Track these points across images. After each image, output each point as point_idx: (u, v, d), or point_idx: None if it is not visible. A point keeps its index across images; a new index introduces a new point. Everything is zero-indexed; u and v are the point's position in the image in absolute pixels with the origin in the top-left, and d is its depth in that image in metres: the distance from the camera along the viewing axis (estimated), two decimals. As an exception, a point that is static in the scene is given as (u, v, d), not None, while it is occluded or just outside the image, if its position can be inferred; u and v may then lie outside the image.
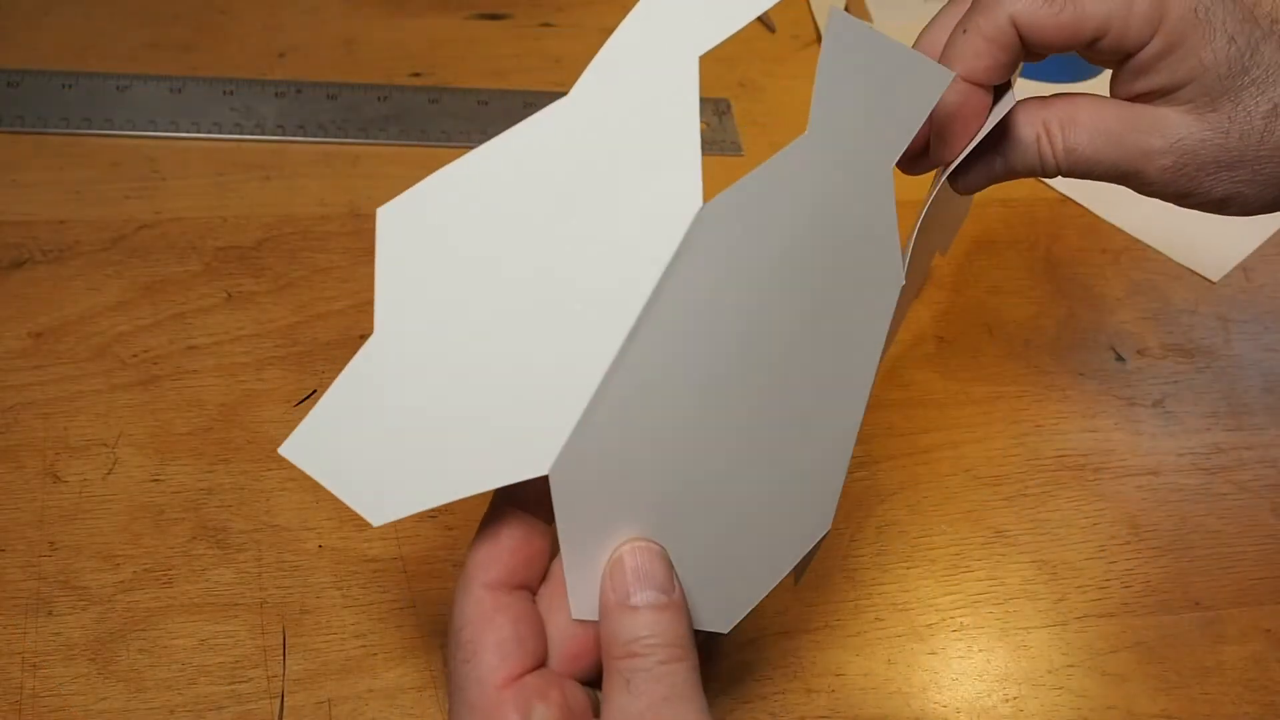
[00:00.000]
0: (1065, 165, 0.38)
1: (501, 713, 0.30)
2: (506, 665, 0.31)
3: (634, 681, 0.31)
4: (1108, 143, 0.37)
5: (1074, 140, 0.38)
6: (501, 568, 0.32)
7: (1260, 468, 0.54)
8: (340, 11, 0.70)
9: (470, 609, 0.32)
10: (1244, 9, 0.36)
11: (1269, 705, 0.46)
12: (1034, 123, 0.38)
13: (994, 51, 0.37)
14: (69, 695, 0.40)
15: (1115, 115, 0.38)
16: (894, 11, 0.76)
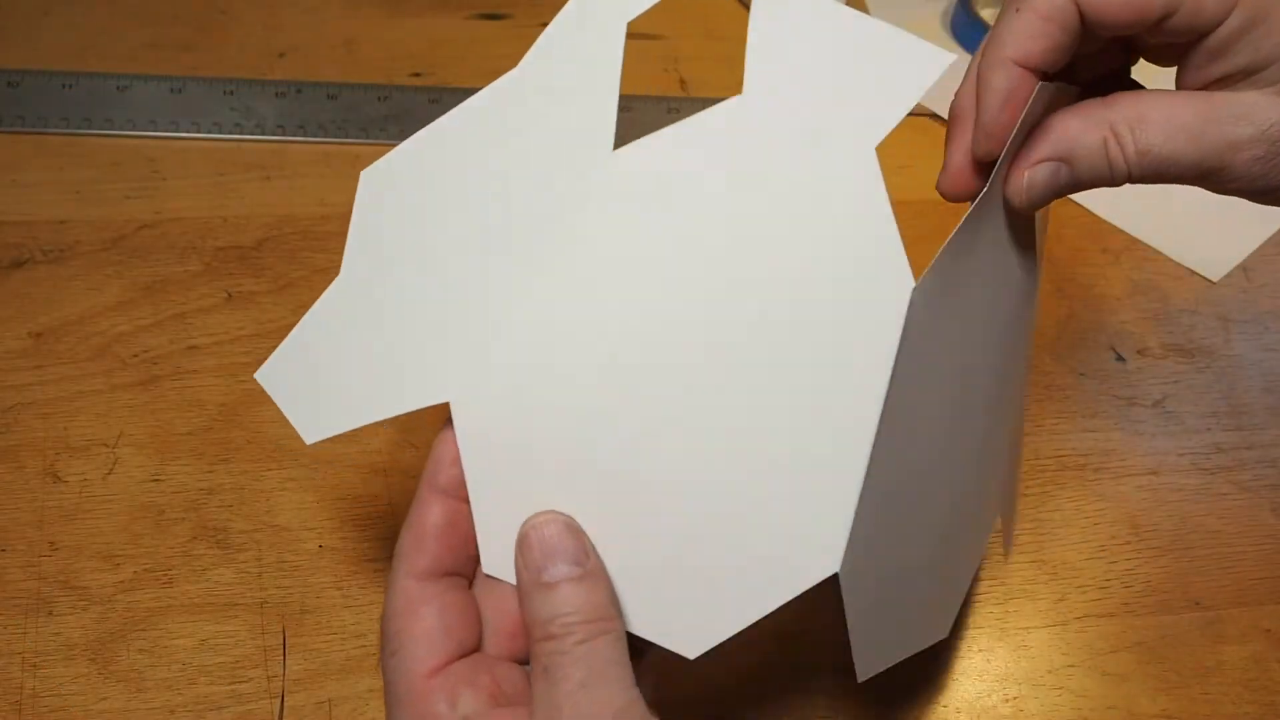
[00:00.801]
0: (1138, 170, 0.34)
1: (429, 702, 0.30)
2: (433, 655, 0.31)
3: (551, 668, 0.30)
4: (1187, 139, 0.34)
5: (1147, 140, 0.34)
6: (428, 556, 0.32)
7: (1260, 468, 0.54)
8: (340, 11, 0.70)
9: (397, 601, 0.32)
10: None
11: (1269, 705, 0.46)
12: (1098, 126, 0.34)
13: (1050, 31, 0.33)
14: (69, 695, 0.40)
15: (1191, 107, 0.34)
16: (894, 12, 0.76)
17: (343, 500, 0.47)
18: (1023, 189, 0.34)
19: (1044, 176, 0.34)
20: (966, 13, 0.74)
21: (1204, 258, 0.62)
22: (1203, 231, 0.62)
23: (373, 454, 0.48)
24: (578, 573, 0.31)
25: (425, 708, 0.30)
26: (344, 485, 0.47)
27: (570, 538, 0.32)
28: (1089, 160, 0.34)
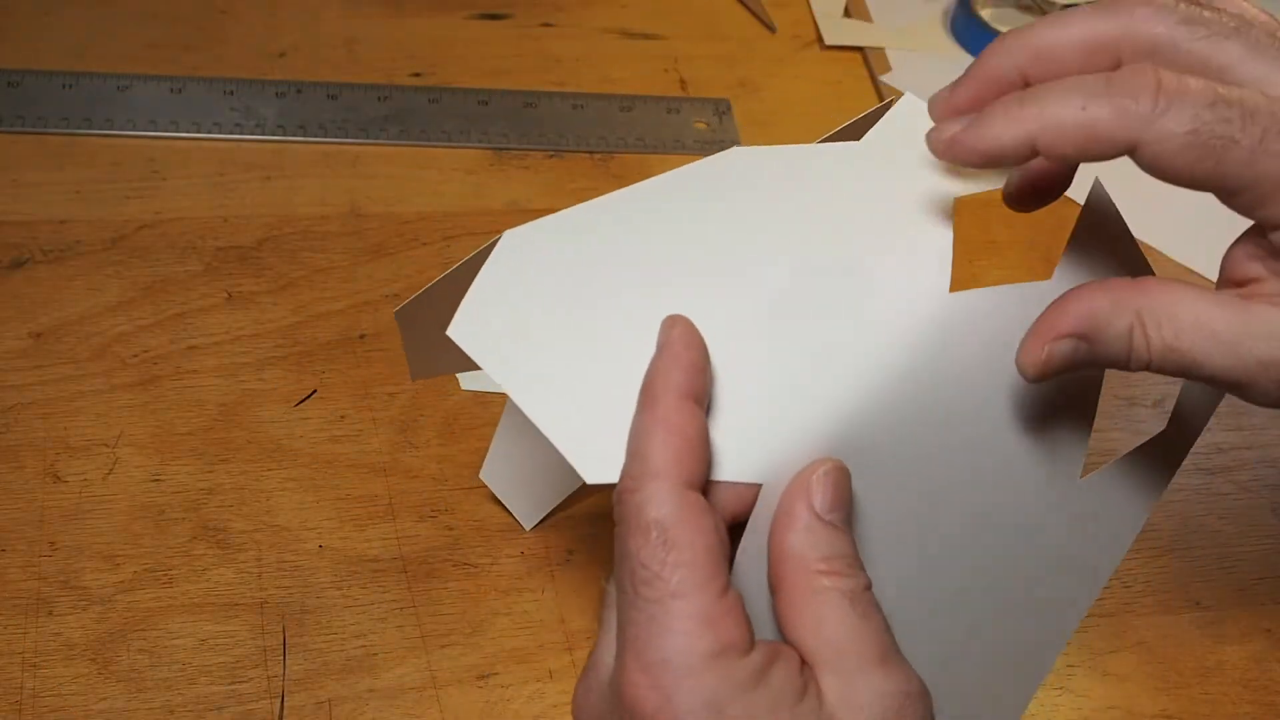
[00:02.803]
0: (1159, 363, 0.32)
1: (726, 624, 0.29)
2: (722, 574, 0.29)
3: (857, 601, 0.30)
4: (1215, 347, 0.31)
5: (1175, 339, 0.32)
6: (693, 468, 0.30)
7: (1260, 468, 0.54)
8: (340, 11, 0.70)
9: (680, 507, 0.29)
10: None
11: (1269, 705, 0.46)
12: (1126, 311, 0.32)
13: (1089, 152, 0.31)
14: (69, 695, 0.40)
15: (1223, 316, 0.32)
16: (894, 13, 0.76)
17: (343, 500, 0.47)
18: (1040, 362, 0.32)
19: (1065, 352, 0.32)
20: (967, 13, 0.74)
21: (1204, 258, 0.62)
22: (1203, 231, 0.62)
23: (373, 454, 0.48)
24: (848, 525, 0.31)
25: (723, 628, 0.29)
26: (344, 485, 0.47)
27: (849, 492, 0.32)
28: (1113, 344, 0.32)
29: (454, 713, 0.41)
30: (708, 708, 0.28)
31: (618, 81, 0.68)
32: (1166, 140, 0.30)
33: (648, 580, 0.29)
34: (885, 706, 0.29)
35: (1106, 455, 0.54)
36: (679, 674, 0.28)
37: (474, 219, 0.59)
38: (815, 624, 0.30)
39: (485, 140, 0.63)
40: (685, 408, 0.30)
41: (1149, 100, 0.30)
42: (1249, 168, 0.30)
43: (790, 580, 0.30)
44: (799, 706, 0.28)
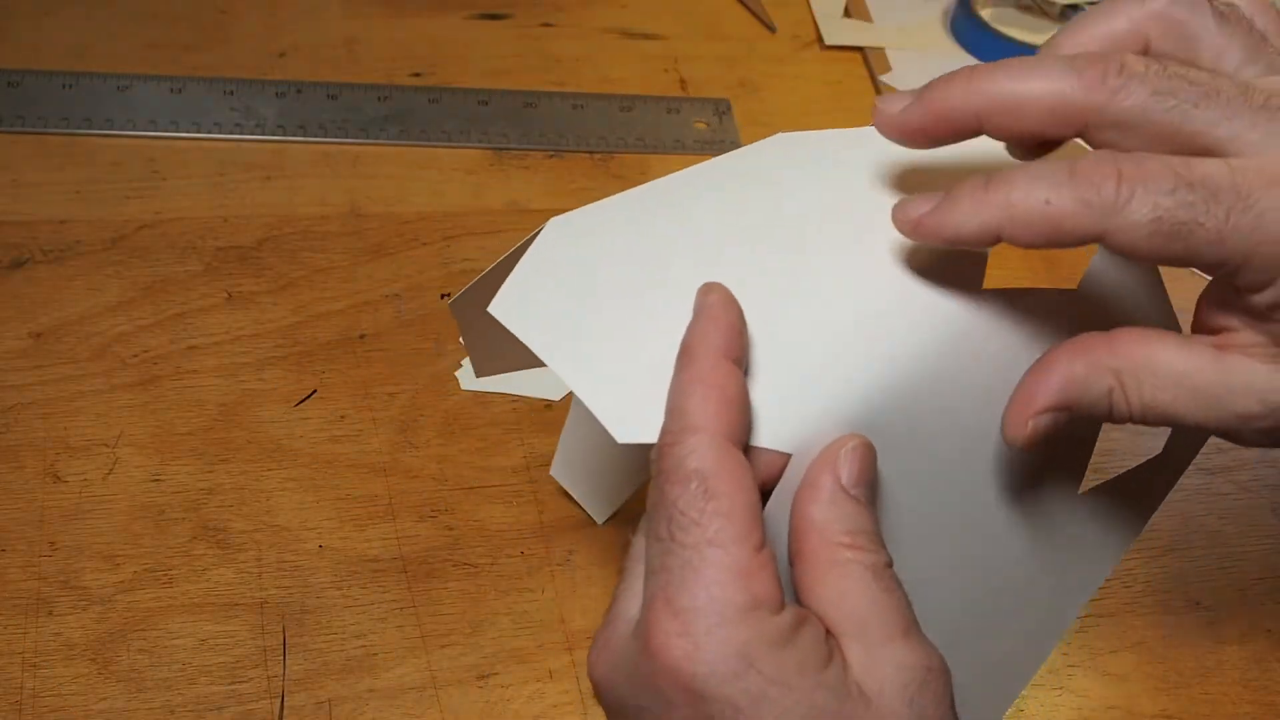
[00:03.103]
0: (1141, 418, 0.33)
1: (760, 579, 0.28)
2: (758, 530, 0.29)
3: (879, 574, 0.30)
4: (1194, 400, 0.32)
5: (1154, 395, 0.32)
6: (733, 423, 0.30)
7: (1260, 468, 0.54)
8: (340, 11, 0.70)
9: (721, 459, 0.29)
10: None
11: (1269, 705, 0.46)
12: (1103, 374, 0.32)
13: (1053, 242, 0.31)
14: (69, 695, 0.40)
15: (1200, 370, 0.32)
16: (894, 13, 0.76)
17: (343, 500, 0.47)
18: (1025, 437, 0.32)
19: (1048, 424, 0.32)
20: (967, 13, 0.74)
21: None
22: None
23: (373, 454, 0.48)
24: (871, 501, 0.31)
25: (756, 583, 0.28)
26: (344, 485, 0.47)
27: (875, 472, 0.31)
28: (1093, 407, 0.32)
29: (454, 713, 0.41)
30: (739, 658, 0.27)
31: (618, 81, 0.68)
32: (1131, 230, 0.30)
33: (685, 527, 0.28)
34: (909, 678, 0.29)
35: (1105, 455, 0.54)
36: (711, 622, 0.28)
37: (474, 219, 0.59)
38: (837, 595, 0.30)
39: (485, 140, 0.63)
40: (724, 366, 0.30)
41: (1111, 190, 0.30)
42: (1218, 246, 0.30)
43: (812, 551, 0.30)
44: (825, 671, 0.28)
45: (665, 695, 0.28)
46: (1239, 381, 0.32)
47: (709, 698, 0.28)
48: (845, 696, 0.28)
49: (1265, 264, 0.30)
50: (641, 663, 0.28)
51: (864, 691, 0.28)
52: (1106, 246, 0.31)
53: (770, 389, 0.31)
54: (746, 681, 0.27)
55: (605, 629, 0.31)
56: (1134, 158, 0.30)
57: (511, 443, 0.49)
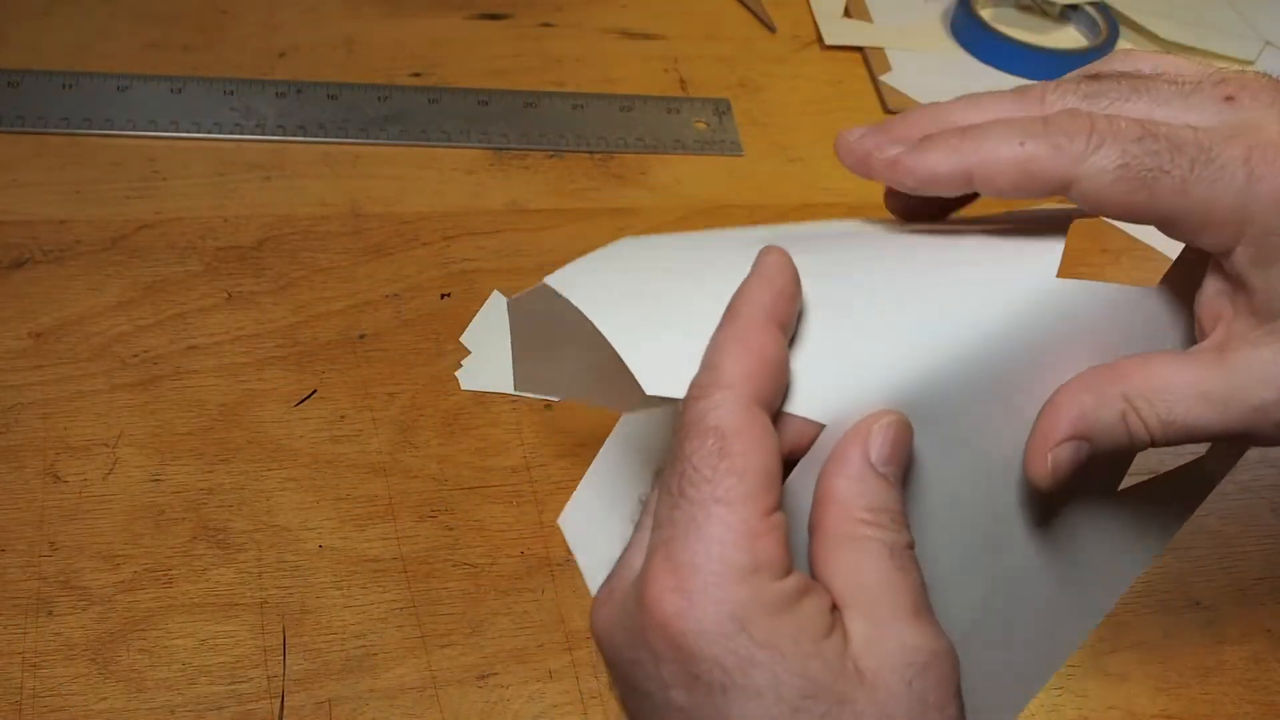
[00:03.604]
0: (1162, 438, 0.33)
1: (766, 543, 0.28)
2: (772, 494, 0.29)
3: (896, 554, 0.29)
4: (1208, 409, 0.32)
5: (1170, 412, 0.32)
6: (764, 388, 0.29)
7: (1260, 468, 0.54)
8: (340, 11, 0.70)
9: (743, 419, 0.28)
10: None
11: (1269, 705, 0.46)
12: (1112, 400, 0.32)
13: (1025, 188, 0.32)
14: (69, 695, 0.40)
15: (1207, 376, 0.32)
16: (894, 12, 0.76)
17: (343, 500, 0.47)
18: (1047, 473, 0.32)
19: (1068, 457, 0.33)
20: (967, 13, 0.74)
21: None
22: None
23: (373, 454, 0.48)
24: (898, 478, 0.31)
25: (761, 547, 0.28)
26: (344, 485, 0.47)
27: (910, 450, 0.31)
28: (1110, 435, 0.33)
29: (454, 713, 0.41)
30: (731, 620, 0.27)
31: (618, 81, 0.68)
32: (1098, 176, 0.31)
33: (696, 483, 0.28)
34: (911, 660, 0.28)
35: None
36: (707, 580, 0.27)
37: (474, 219, 0.59)
38: (849, 569, 0.29)
39: (485, 140, 0.63)
40: (767, 329, 0.30)
41: (1083, 139, 0.31)
42: (1182, 196, 0.31)
43: (831, 524, 0.30)
44: (824, 642, 0.28)
45: (655, 650, 0.28)
46: (1245, 375, 0.32)
47: (697, 656, 0.27)
48: (840, 671, 0.28)
49: (1228, 217, 0.31)
50: (637, 615, 0.28)
51: (860, 669, 0.28)
52: (1073, 196, 0.32)
53: (814, 358, 0.31)
54: (736, 643, 0.27)
55: (609, 582, 0.30)
56: (1105, 115, 0.32)
57: (511, 443, 0.49)
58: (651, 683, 0.28)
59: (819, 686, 0.27)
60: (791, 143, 0.67)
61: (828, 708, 0.27)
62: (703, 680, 0.27)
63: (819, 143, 0.67)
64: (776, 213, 0.62)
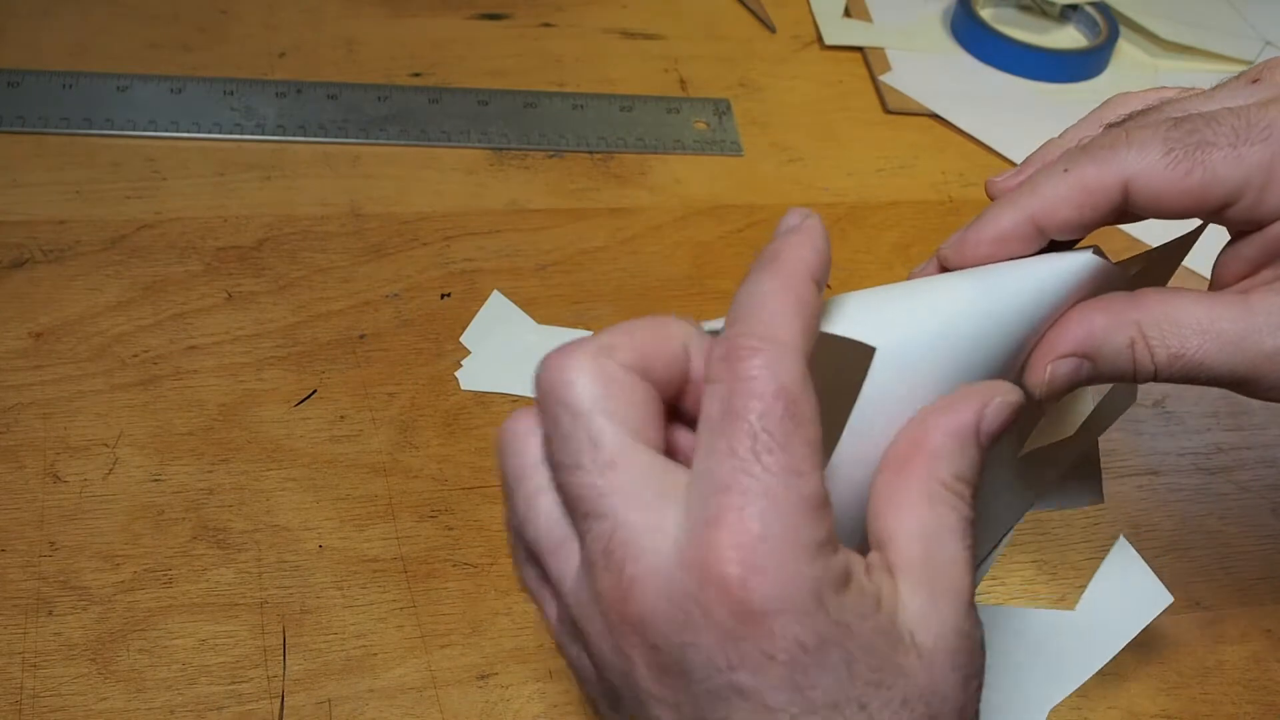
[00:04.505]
0: (1166, 372, 0.33)
1: (828, 515, 0.27)
2: (823, 460, 0.27)
3: (969, 532, 0.28)
4: (1220, 346, 0.32)
5: (1179, 345, 0.32)
6: (809, 348, 0.28)
7: (1260, 468, 0.54)
8: (340, 11, 0.70)
9: (805, 380, 0.27)
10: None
11: (1269, 705, 0.46)
12: (1124, 326, 0.32)
13: (1085, 205, 0.32)
14: (69, 695, 0.40)
15: (1225, 313, 0.32)
16: (894, 12, 0.76)
17: (343, 500, 0.47)
18: (1044, 382, 0.33)
19: (1066, 371, 0.33)
20: (967, 13, 0.74)
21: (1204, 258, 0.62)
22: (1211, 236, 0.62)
23: (373, 454, 0.48)
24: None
25: (827, 523, 0.27)
26: (344, 485, 0.47)
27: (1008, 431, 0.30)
28: (1113, 360, 0.33)
29: (454, 713, 0.41)
30: (812, 597, 0.26)
31: (618, 81, 0.68)
32: (1150, 169, 0.31)
33: (771, 449, 0.26)
34: (961, 645, 0.28)
35: (1106, 455, 0.54)
36: (785, 555, 0.26)
37: (474, 219, 0.59)
38: (921, 532, 0.28)
39: (485, 140, 0.63)
40: (812, 286, 0.29)
41: (1122, 143, 0.32)
42: (1238, 163, 0.31)
43: (912, 475, 0.29)
44: (880, 615, 0.27)
45: (724, 628, 0.26)
46: (1266, 319, 0.32)
47: (775, 635, 0.26)
48: (898, 642, 0.27)
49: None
50: (695, 592, 0.26)
51: (918, 642, 0.27)
52: (1135, 200, 0.31)
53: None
54: (816, 621, 0.26)
55: (621, 569, 0.27)
56: (1138, 122, 0.32)
57: (511, 443, 0.49)
58: (710, 667, 0.26)
59: (883, 659, 0.27)
60: (791, 143, 0.67)
61: (893, 680, 0.27)
62: (779, 661, 0.26)
63: (819, 143, 0.67)
64: (776, 213, 0.62)
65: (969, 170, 0.67)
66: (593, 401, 0.27)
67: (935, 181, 0.65)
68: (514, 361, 0.52)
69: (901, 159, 0.67)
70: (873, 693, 0.26)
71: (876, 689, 0.26)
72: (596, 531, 0.27)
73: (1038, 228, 0.32)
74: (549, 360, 0.28)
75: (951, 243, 0.34)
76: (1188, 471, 0.53)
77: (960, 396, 0.30)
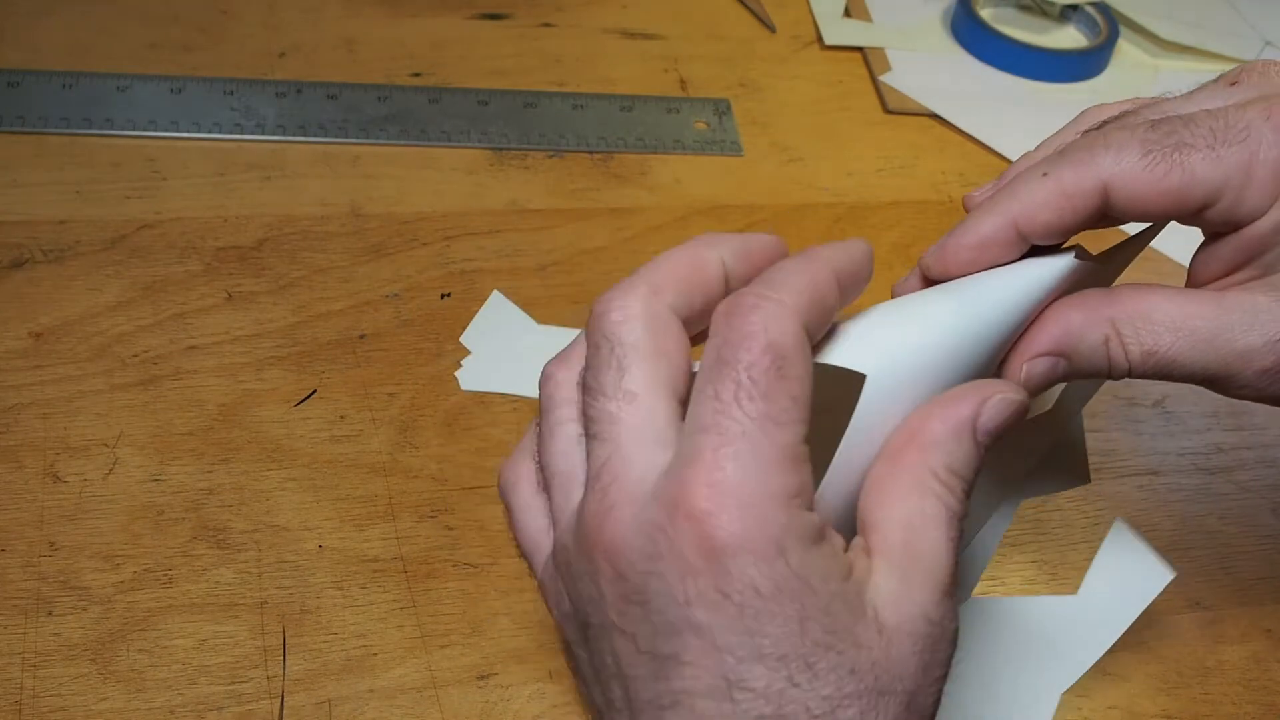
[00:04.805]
0: (1140, 369, 0.33)
1: (804, 471, 0.28)
2: (809, 422, 0.28)
3: (954, 524, 0.29)
4: (1193, 344, 0.32)
5: (1152, 342, 0.32)
6: (815, 321, 0.29)
7: (1260, 468, 0.54)
8: (340, 11, 0.70)
9: (799, 341, 0.28)
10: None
11: (1269, 705, 0.46)
12: (1099, 323, 0.33)
13: (1065, 209, 0.32)
14: (69, 695, 0.40)
15: (1199, 310, 0.32)
16: (894, 12, 0.76)
17: (343, 500, 0.47)
18: (1020, 381, 0.33)
19: (1042, 370, 0.33)
20: (967, 13, 0.74)
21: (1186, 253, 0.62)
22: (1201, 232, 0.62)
23: (373, 454, 0.48)
24: (988, 451, 0.30)
25: (803, 476, 0.28)
26: (344, 485, 0.47)
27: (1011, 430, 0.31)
28: (1089, 358, 0.33)
29: (454, 713, 0.41)
30: (773, 543, 0.26)
31: (618, 81, 0.68)
32: (1128, 171, 0.31)
33: (753, 396, 0.27)
34: (926, 632, 0.28)
35: (1106, 455, 0.54)
36: (754, 498, 0.26)
37: (474, 219, 0.59)
38: (906, 518, 0.29)
39: (485, 140, 0.63)
40: (834, 283, 0.30)
41: (1100, 146, 0.32)
42: (1217, 163, 0.31)
43: (904, 464, 0.29)
44: (846, 584, 0.27)
45: (686, 561, 0.27)
46: (1239, 317, 0.32)
47: (733, 574, 0.26)
48: (860, 615, 0.27)
49: (1271, 171, 0.31)
50: (665, 524, 0.27)
51: (881, 619, 0.28)
52: (1114, 203, 0.32)
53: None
54: (775, 568, 0.26)
55: (605, 493, 0.28)
56: (1115, 126, 0.33)
57: (511, 443, 0.49)
58: (668, 598, 0.27)
59: (840, 625, 0.27)
60: (791, 143, 0.67)
61: (845, 648, 0.27)
62: (733, 600, 0.26)
63: (819, 143, 0.67)
64: (776, 213, 0.62)
65: (969, 170, 0.66)
66: (635, 339, 0.29)
67: (935, 181, 0.66)
68: (514, 361, 0.52)
69: (901, 159, 0.67)
70: (821, 654, 0.27)
71: (826, 651, 0.27)
72: (597, 453, 0.29)
73: (1019, 232, 0.33)
74: (606, 296, 0.30)
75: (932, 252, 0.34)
76: (1188, 471, 0.53)
77: (960, 391, 0.30)
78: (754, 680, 0.26)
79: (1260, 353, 0.32)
